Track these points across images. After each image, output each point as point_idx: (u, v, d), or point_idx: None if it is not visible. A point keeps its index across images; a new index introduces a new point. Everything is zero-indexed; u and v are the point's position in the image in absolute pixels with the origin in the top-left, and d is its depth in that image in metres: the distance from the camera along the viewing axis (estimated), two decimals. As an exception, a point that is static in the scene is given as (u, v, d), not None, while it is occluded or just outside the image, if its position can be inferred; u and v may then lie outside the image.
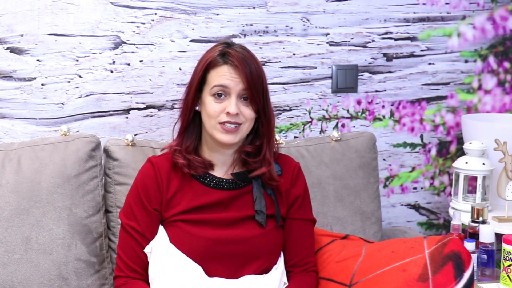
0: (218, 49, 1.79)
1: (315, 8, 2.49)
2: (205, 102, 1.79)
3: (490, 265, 2.04)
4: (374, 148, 2.34)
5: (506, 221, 2.30)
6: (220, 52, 1.78)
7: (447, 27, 2.65)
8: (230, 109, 1.75)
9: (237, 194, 1.84)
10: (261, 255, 1.82)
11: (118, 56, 2.30)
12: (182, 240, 1.78)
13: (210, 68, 1.78)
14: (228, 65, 1.77)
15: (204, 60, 1.80)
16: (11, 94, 2.22)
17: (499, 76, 2.72)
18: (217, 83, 1.77)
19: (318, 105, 2.53)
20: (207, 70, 1.79)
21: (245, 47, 1.82)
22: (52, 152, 2.03)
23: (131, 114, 2.34)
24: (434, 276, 1.67)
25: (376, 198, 2.31)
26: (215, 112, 1.77)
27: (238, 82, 1.76)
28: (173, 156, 1.83)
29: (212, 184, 1.84)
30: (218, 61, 1.78)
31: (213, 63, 1.78)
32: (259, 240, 1.82)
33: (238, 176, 1.85)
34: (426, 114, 2.66)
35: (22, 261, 1.94)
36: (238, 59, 1.76)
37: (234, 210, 1.82)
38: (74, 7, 2.24)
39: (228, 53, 1.77)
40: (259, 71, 1.79)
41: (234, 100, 1.76)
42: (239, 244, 1.80)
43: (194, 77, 1.82)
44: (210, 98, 1.78)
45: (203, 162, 1.83)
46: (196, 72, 1.82)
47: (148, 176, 1.83)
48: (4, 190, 1.96)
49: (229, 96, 1.77)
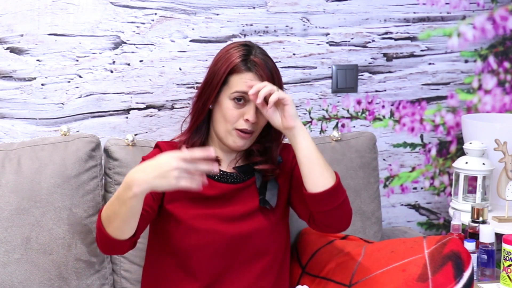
0: (241, 53, 1.79)
1: (315, 8, 2.48)
2: (222, 104, 1.79)
3: (490, 265, 2.04)
4: (375, 148, 2.34)
5: (506, 221, 2.30)
6: (244, 58, 1.78)
7: (447, 27, 2.64)
8: (250, 117, 1.77)
9: (240, 187, 1.85)
10: (269, 249, 1.83)
11: (118, 56, 2.30)
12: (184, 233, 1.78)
13: (234, 72, 1.79)
14: (252, 72, 1.77)
15: (227, 63, 1.79)
16: (11, 94, 2.22)
17: (499, 76, 2.72)
18: (240, 89, 1.77)
19: (318, 105, 2.53)
20: (230, 74, 1.79)
21: (264, 51, 1.84)
22: (52, 152, 2.03)
23: (131, 114, 2.34)
24: (433, 276, 1.67)
25: (376, 198, 2.31)
26: (234, 117, 1.78)
27: None
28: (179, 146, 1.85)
29: (217, 177, 1.85)
30: (242, 67, 1.78)
31: (237, 68, 1.78)
32: (264, 233, 1.82)
33: (241, 169, 1.86)
34: (426, 114, 2.66)
35: (22, 261, 1.94)
36: (262, 68, 1.77)
37: (239, 204, 1.83)
38: (74, 7, 2.24)
39: (252, 61, 1.78)
40: (279, 77, 1.82)
41: (254, 108, 1.77)
42: (246, 238, 1.80)
43: (215, 78, 1.81)
44: (229, 101, 1.78)
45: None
46: (218, 73, 1.80)
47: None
48: (4, 190, 1.96)
49: (248, 103, 1.78)
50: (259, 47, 1.85)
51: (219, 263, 1.80)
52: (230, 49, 1.83)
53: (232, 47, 1.84)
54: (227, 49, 1.84)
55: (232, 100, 1.78)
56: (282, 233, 1.89)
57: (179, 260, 1.81)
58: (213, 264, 1.80)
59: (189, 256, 1.80)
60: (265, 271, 1.84)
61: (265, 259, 1.84)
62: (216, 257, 1.80)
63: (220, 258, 1.80)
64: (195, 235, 1.79)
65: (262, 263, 1.83)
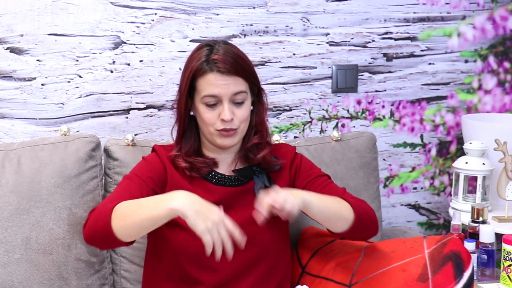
0: (202, 54, 1.76)
1: (315, 8, 2.49)
2: (198, 109, 1.78)
3: (490, 265, 2.04)
4: (375, 148, 2.34)
5: (506, 221, 2.30)
6: (205, 58, 1.75)
7: (447, 27, 2.64)
8: (224, 116, 1.74)
9: (239, 191, 1.83)
10: (270, 252, 1.82)
11: (118, 56, 2.30)
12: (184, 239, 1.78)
13: (198, 77, 1.76)
14: (214, 72, 1.74)
15: (189, 68, 1.77)
16: (11, 94, 2.22)
17: (499, 76, 2.72)
18: (207, 93, 1.75)
19: (318, 105, 2.53)
20: (195, 78, 1.76)
21: (228, 43, 1.80)
22: (52, 152, 2.03)
23: (131, 114, 2.34)
24: (433, 276, 1.67)
25: (376, 198, 2.31)
26: (210, 120, 1.76)
27: (228, 87, 1.74)
28: (174, 161, 1.82)
29: (215, 180, 1.83)
30: (204, 69, 1.75)
31: (200, 71, 1.75)
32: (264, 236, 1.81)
33: (240, 172, 1.85)
34: (426, 114, 2.66)
35: (22, 261, 1.94)
36: (224, 63, 1.73)
37: (237, 208, 1.81)
38: (74, 7, 2.24)
39: (213, 59, 1.74)
40: (247, 65, 1.78)
41: (227, 106, 1.75)
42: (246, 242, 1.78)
43: (182, 85, 1.80)
44: (202, 106, 1.77)
45: (205, 161, 1.83)
46: (183, 79, 1.79)
47: (155, 160, 1.83)
48: (4, 190, 1.96)
49: (221, 102, 1.75)
50: (224, 42, 1.80)
51: (220, 267, 1.79)
52: (194, 52, 1.80)
53: (194, 51, 1.81)
54: (191, 54, 1.81)
55: (204, 104, 1.76)
56: (282, 235, 1.89)
57: (179, 265, 1.80)
58: (213, 267, 1.78)
59: (189, 260, 1.79)
60: (267, 274, 1.83)
61: (266, 262, 1.83)
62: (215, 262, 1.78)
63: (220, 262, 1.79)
64: (193, 240, 1.78)
65: (264, 266, 1.82)
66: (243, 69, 1.77)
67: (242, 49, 1.83)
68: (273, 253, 1.84)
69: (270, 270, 1.83)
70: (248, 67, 1.79)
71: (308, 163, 1.93)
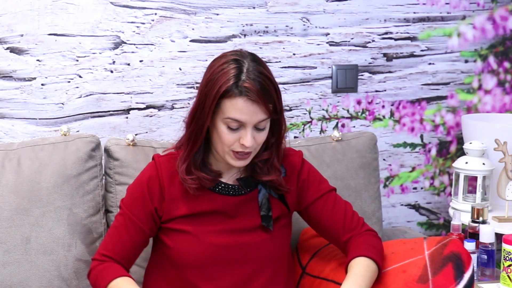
0: (231, 74, 1.65)
1: (315, 8, 2.48)
2: (217, 127, 1.69)
3: (490, 265, 2.04)
4: (375, 148, 2.34)
5: (506, 221, 2.30)
6: (235, 80, 1.64)
7: (447, 27, 2.64)
8: (246, 143, 1.67)
9: (242, 200, 1.80)
10: (270, 261, 1.81)
11: (118, 56, 2.30)
12: (187, 247, 1.77)
13: (225, 97, 1.65)
14: (244, 98, 1.64)
15: (216, 87, 1.66)
16: (11, 94, 2.22)
17: (499, 76, 2.72)
18: (232, 116, 1.65)
19: (318, 105, 2.53)
20: (221, 97, 1.66)
21: (256, 64, 1.69)
22: (52, 152, 2.03)
23: (131, 114, 2.34)
24: (434, 277, 1.67)
25: (376, 198, 2.31)
26: (229, 141, 1.68)
27: (255, 115, 1.66)
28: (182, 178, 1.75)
29: (218, 189, 1.79)
30: (233, 91, 1.65)
31: (228, 93, 1.65)
32: (267, 245, 1.80)
33: (244, 182, 1.81)
34: (426, 114, 2.66)
35: (22, 261, 1.94)
36: (255, 91, 1.64)
37: (240, 220, 1.79)
38: (74, 7, 2.24)
39: (244, 86, 1.64)
40: (275, 91, 1.70)
41: (250, 132, 1.67)
42: (246, 249, 1.77)
43: (207, 102, 1.67)
44: (223, 126, 1.68)
45: (209, 178, 1.76)
46: (209, 97, 1.67)
47: (152, 175, 1.80)
48: (4, 190, 1.96)
49: (243, 127, 1.67)
50: (252, 58, 1.70)
51: (222, 276, 1.78)
52: (218, 67, 1.68)
53: (219, 64, 1.69)
54: (215, 66, 1.70)
55: (226, 125, 1.67)
56: (286, 242, 1.87)
57: (182, 273, 1.79)
58: (216, 277, 1.78)
59: (192, 269, 1.78)
60: (270, 282, 1.82)
61: (270, 270, 1.81)
62: (219, 271, 1.78)
63: (222, 271, 1.78)
64: (195, 249, 1.77)
65: (267, 274, 1.81)
66: (271, 97, 1.69)
67: (242, 49, 1.82)
68: (276, 260, 1.83)
69: (274, 277, 1.82)
70: (276, 92, 1.71)
71: (317, 176, 1.88)
